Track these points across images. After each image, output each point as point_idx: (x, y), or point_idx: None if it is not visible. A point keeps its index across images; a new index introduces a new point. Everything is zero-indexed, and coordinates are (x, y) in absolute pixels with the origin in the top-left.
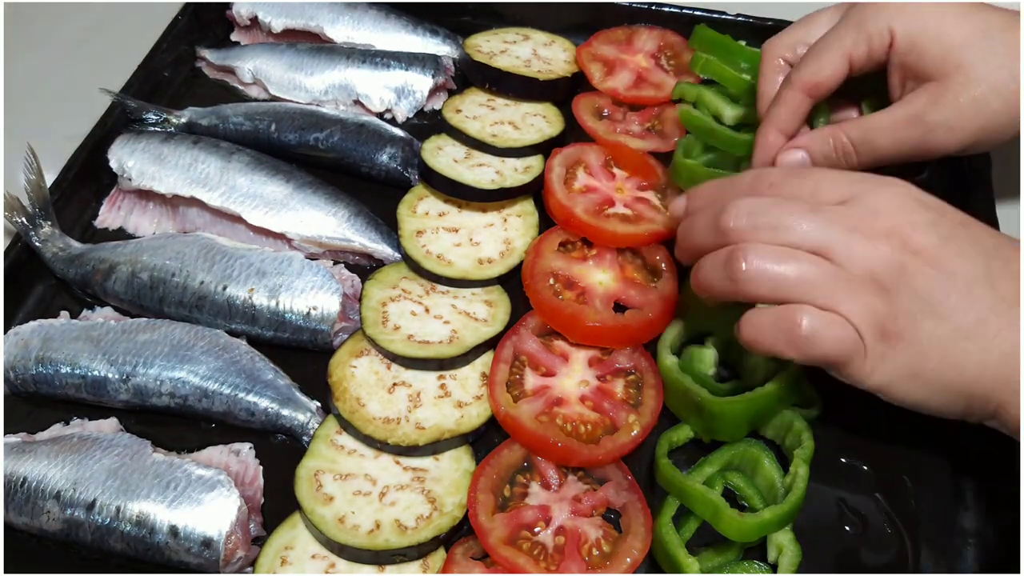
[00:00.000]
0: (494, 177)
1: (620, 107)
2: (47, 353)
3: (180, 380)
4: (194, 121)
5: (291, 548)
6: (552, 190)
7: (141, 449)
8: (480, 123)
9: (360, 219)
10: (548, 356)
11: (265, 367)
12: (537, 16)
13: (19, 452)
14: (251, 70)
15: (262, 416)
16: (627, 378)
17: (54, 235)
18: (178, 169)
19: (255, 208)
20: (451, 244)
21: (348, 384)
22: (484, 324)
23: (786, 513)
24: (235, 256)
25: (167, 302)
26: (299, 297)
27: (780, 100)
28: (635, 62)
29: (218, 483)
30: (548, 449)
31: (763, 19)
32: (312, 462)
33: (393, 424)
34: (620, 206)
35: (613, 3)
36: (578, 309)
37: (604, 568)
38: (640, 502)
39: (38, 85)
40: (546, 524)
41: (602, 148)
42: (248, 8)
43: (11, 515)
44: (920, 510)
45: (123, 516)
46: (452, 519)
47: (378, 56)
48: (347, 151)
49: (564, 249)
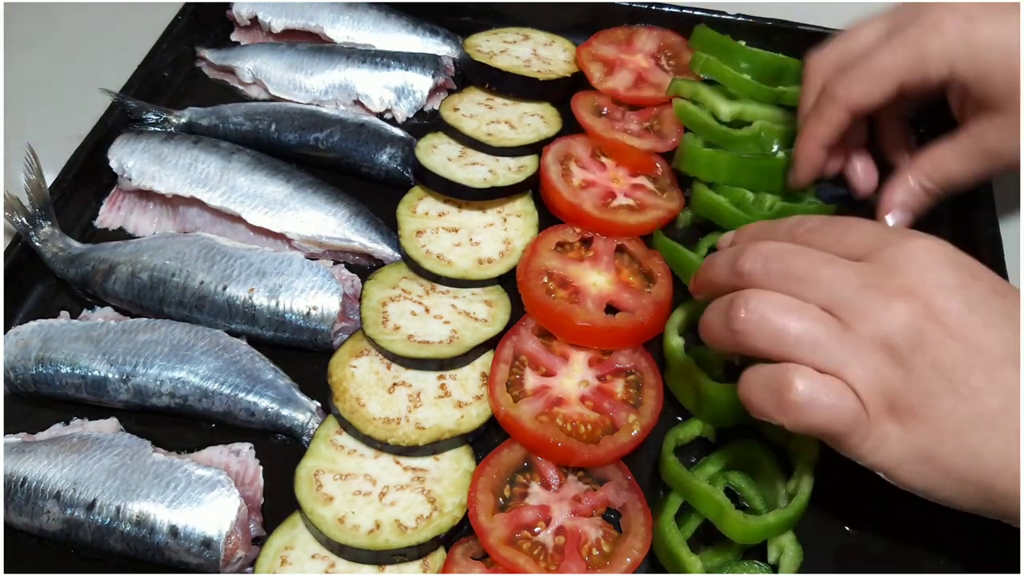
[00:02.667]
0: (487, 176)
1: (619, 106)
2: (47, 353)
3: (180, 380)
4: (194, 121)
5: (291, 548)
6: (556, 188)
7: (141, 449)
8: (476, 122)
9: (360, 219)
10: (548, 356)
11: (265, 367)
12: (537, 16)
13: (19, 452)
14: (251, 70)
15: (262, 416)
16: (627, 378)
17: (54, 235)
18: (178, 169)
19: (255, 208)
20: (451, 244)
21: (348, 384)
22: (484, 324)
23: (790, 518)
24: (235, 256)
25: (167, 302)
26: (299, 297)
27: (824, 118)
28: (635, 62)
29: (218, 483)
30: (548, 449)
31: (763, 19)
32: (312, 462)
33: (393, 424)
34: (622, 197)
35: (613, 3)
36: (568, 308)
37: (604, 568)
38: (640, 502)
39: (38, 85)
40: (546, 524)
41: (588, 139)
42: (248, 8)
43: (11, 515)
44: (919, 510)
45: (123, 516)
46: (452, 519)
47: (378, 56)
48: (347, 151)
49: (561, 249)
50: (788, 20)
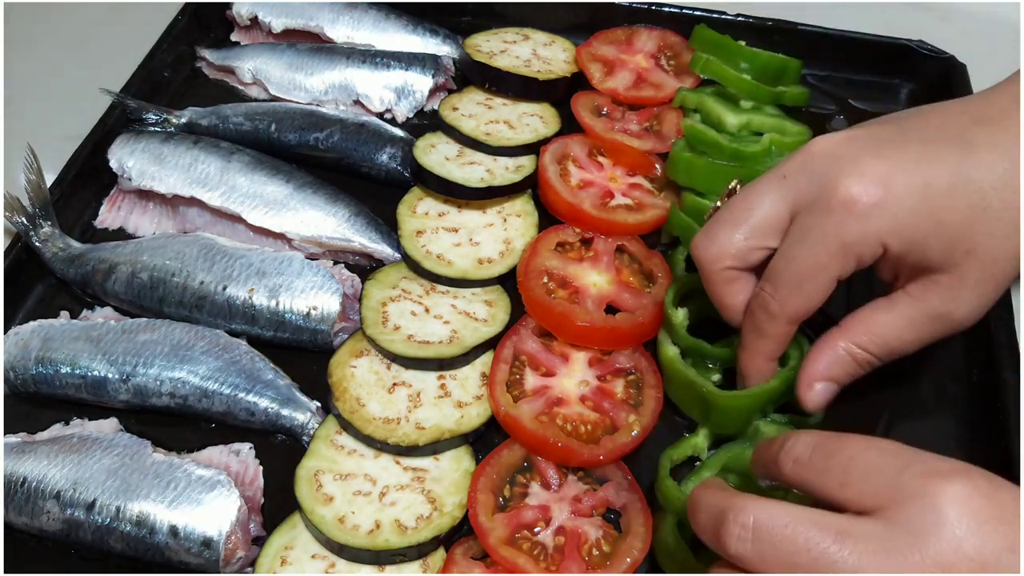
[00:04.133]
0: (484, 175)
1: (619, 106)
2: (47, 353)
3: (180, 380)
4: (194, 121)
5: (291, 548)
6: (555, 188)
7: (141, 449)
8: (475, 121)
9: (360, 219)
10: (548, 356)
11: (265, 367)
12: (537, 16)
13: (19, 452)
14: (251, 70)
15: (262, 416)
16: (627, 378)
17: (54, 235)
18: (178, 169)
19: (255, 208)
20: (451, 244)
21: (348, 384)
22: (484, 324)
23: None
24: (235, 256)
25: (167, 302)
26: (299, 297)
27: (768, 335)
28: (635, 62)
29: (218, 483)
30: (548, 449)
31: (763, 19)
32: (312, 462)
33: (393, 424)
34: (620, 196)
35: (613, 3)
36: (568, 308)
37: (604, 568)
38: (640, 502)
39: (38, 85)
40: (546, 524)
41: (585, 138)
42: (248, 8)
43: (11, 515)
44: None
45: (123, 516)
46: (452, 519)
47: (378, 56)
48: (347, 151)
49: (561, 249)
50: (788, 20)
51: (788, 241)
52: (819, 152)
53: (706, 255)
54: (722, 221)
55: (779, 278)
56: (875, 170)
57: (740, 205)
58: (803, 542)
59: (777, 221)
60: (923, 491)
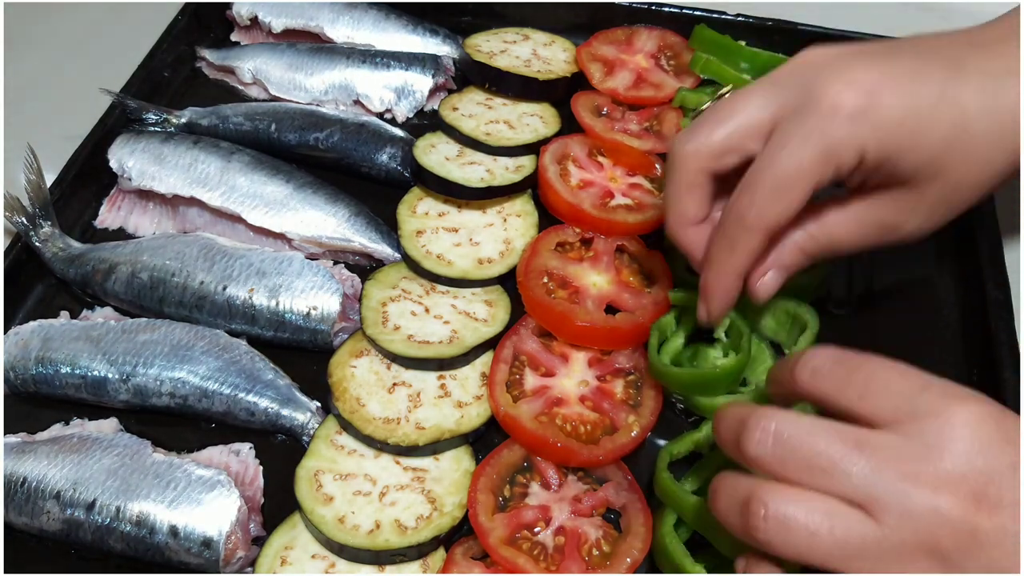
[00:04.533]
0: (484, 175)
1: (619, 106)
2: (47, 353)
3: (180, 380)
4: (194, 121)
5: (291, 548)
6: (555, 188)
7: (141, 449)
8: (475, 121)
9: (360, 219)
10: (548, 356)
11: (265, 367)
12: (537, 16)
13: (19, 452)
14: (251, 70)
15: (262, 416)
16: (627, 378)
17: (54, 235)
18: (178, 169)
19: (255, 208)
20: (451, 244)
21: (348, 384)
22: (484, 324)
23: None
24: (235, 256)
25: (167, 302)
26: (299, 297)
27: (739, 248)
28: (635, 62)
29: (218, 483)
30: (548, 449)
31: (763, 19)
32: (312, 462)
33: (393, 424)
34: (620, 196)
35: (613, 3)
36: (568, 308)
37: (604, 568)
38: (640, 502)
39: (38, 85)
40: (546, 524)
41: (585, 138)
42: (248, 8)
43: (11, 515)
44: None
45: (123, 516)
46: (452, 519)
47: (378, 56)
48: (347, 151)
49: (561, 249)
50: (788, 20)
51: (770, 147)
52: (810, 60)
53: (683, 150)
54: (705, 119)
55: (758, 184)
56: (864, 78)
57: (726, 106)
58: (823, 447)
59: (760, 124)
60: (939, 410)
